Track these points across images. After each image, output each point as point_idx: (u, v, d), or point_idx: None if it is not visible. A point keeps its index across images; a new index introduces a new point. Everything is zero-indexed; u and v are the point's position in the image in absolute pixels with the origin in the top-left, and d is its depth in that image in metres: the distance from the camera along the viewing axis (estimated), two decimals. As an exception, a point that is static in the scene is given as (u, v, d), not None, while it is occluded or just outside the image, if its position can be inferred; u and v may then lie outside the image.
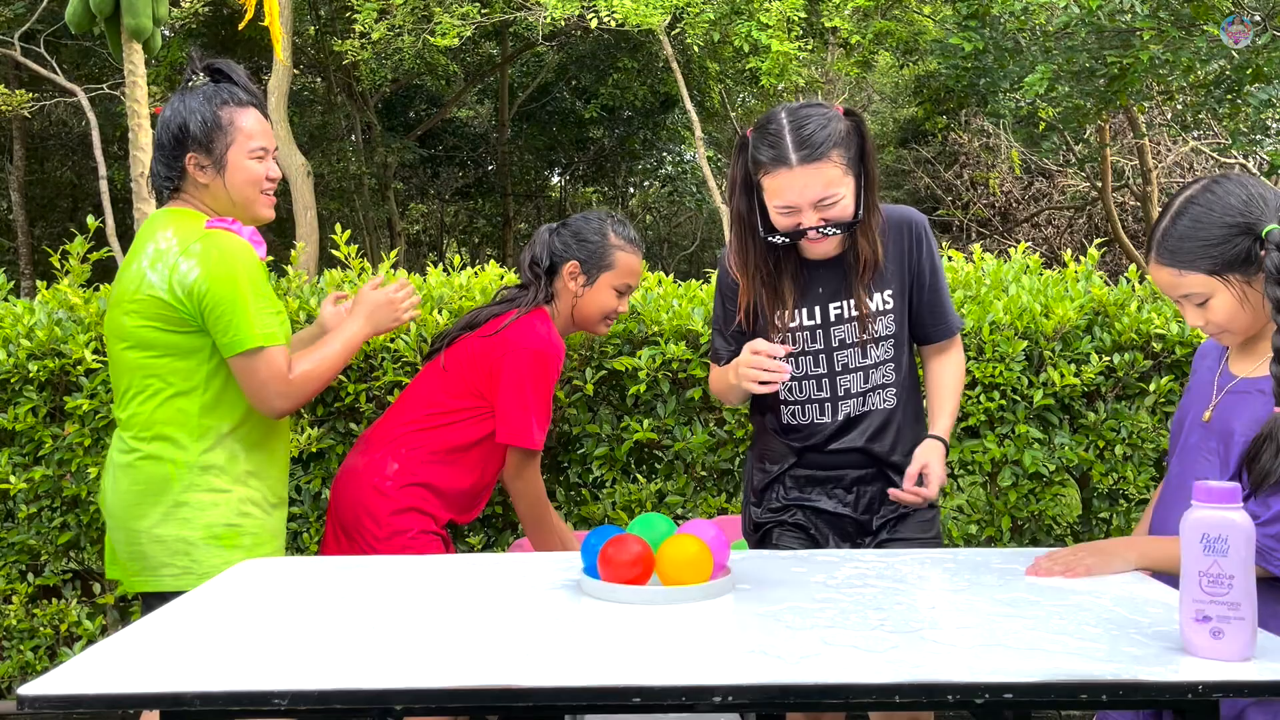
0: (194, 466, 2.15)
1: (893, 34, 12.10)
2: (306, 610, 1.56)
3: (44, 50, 12.29)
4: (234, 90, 2.23)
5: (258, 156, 2.22)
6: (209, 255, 2.10)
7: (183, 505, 2.14)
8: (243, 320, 2.10)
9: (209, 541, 2.15)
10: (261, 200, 2.25)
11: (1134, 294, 3.16)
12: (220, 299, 2.09)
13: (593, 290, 2.51)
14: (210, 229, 2.14)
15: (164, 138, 2.20)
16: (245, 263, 2.13)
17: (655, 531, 1.70)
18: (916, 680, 1.25)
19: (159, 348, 2.15)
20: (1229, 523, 1.32)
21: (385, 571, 1.81)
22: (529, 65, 17.06)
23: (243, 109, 2.22)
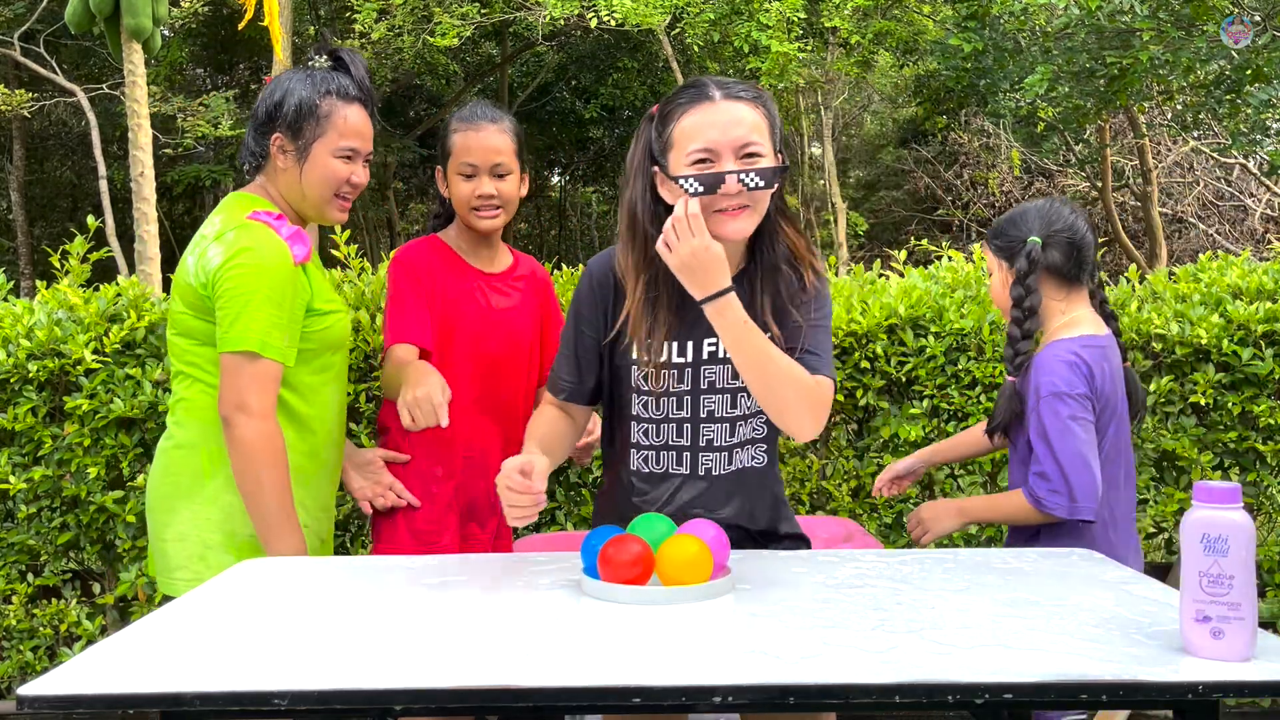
0: (226, 464, 2.03)
1: (892, 34, 12.11)
2: (306, 610, 1.56)
3: (44, 50, 12.29)
4: (345, 82, 2.10)
5: (345, 156, 2.10)
6: (237, 245, 1.99)
7: (209, 505, 2.05)
8: (245, 319, 1.97)
9: (229, 550, 2.04)
10: (335, 203, 2.13)
11: (1134, 294, 3.16)
12: (232, 290, 1.97)
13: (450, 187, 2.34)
14: (249, 220, 2.03)
15: (259, 110, 2.10)
16: (271, 264, 2.00)
17: (655, 532, 1.70)
18: (916, 680, 1.25)
19: (197, 335, 2.06)
20: (1229, 523, 1.32)
21: (385, 571, 1.81)
22: (529, 65, 17.07)
23: (347, 103, 2.09)
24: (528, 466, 1.70)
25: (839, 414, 3.14)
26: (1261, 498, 3.11)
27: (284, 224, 2.05)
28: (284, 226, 2.05)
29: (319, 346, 2.11)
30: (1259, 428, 3.04)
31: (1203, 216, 13.46)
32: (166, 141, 12.63)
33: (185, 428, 2.08)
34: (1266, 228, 12.97)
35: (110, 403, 2.99)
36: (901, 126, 18.11)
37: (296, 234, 2.06)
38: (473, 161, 2.28)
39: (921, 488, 3.15)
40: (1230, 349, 2.97)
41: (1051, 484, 2.08)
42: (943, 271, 3.23)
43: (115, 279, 3.22)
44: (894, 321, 3.03)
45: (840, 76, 13.62)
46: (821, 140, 14.39)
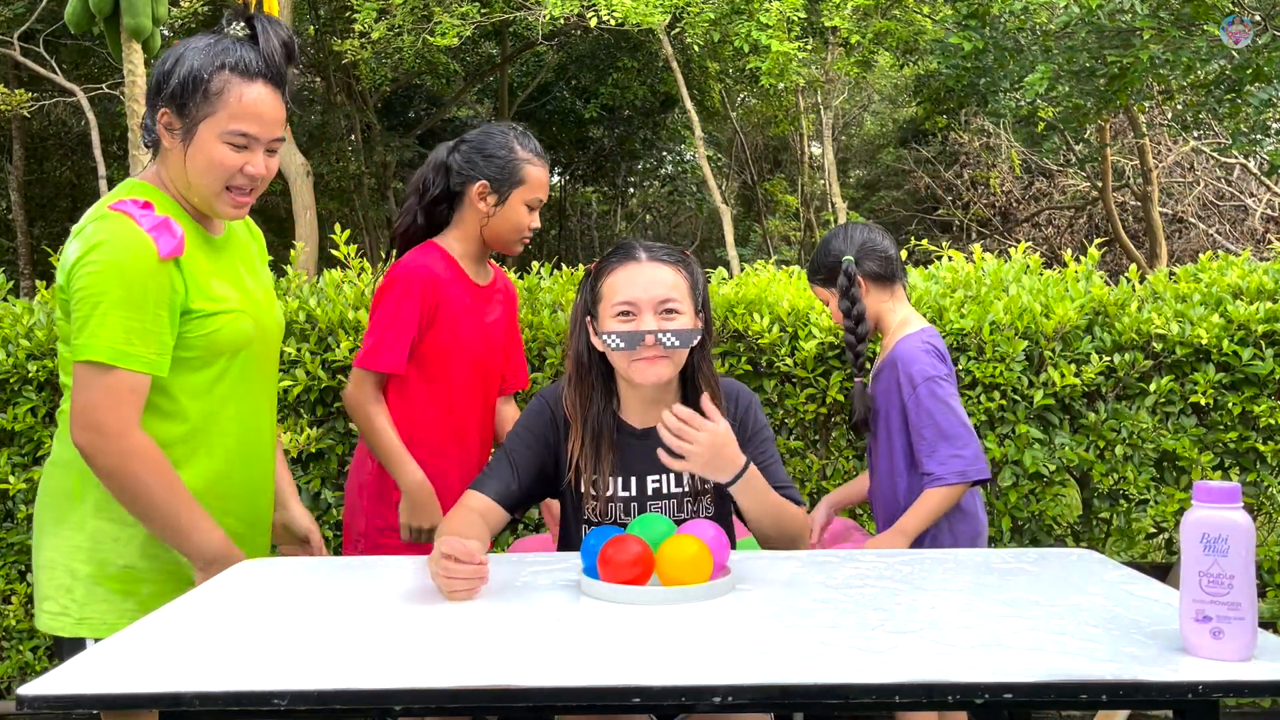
0: (100, 485, 1.77)
1: (892, 33, 12.10)
2: (306, 610, 1.56)
3: (43, 50, 12.29)
4: (249, 55, 1.79)
5: (236, 142, 1.78)
6: (90, 241, 1.72)
7: (78, 530, 1.81)
8: (93, 326, 1.70)
9: (97, 581, 1.80)
10: (226, 197, 1.82)
11: (1134, 294, 3.16)
12: (82, 292, 1.71)
13: (505, 209, 2.36)
14: (110, 211, 1.75)
15: (154, 78, 1.81)
16: (127, 260, 1.71)
17: (655, 532, 1.70)
18: (916, 680, 1.25)
19: (67, 340, 1.81)
20: (1229, 523, 1.32)
21: (385, 571, 1.81)
22: (529, 65, 17.06)
23: (246, 80, 1.78)
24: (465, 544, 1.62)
25: (839, 414, 3.14)
26: (1261, 498, 3.11)
27: (149, 213, 1.76)
28: (148, 216, 1.75)
29: (204, 353, 1.83)
30: (1259, 428, 3.04)
31: (1203, 216, 13.46)
32: (166, 141, 12.59)
33: (60, 442, 1.86)
34: (1267, 228, 12.97)
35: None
36: (901, 126, 18.10)
37: (163, 224, 1.76)
38: (542, 197, 2.42)
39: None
40: (1230, 349, 2.97)
41: (939, 458, 2.27)
42: (943, 271, 3.23)
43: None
44: (894, 321, 3.03)
45: (840, 76, 13.61)
46: (821, 140, 14.38)
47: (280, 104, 1.83)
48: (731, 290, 3.15)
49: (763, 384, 3.08)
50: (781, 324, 3.06)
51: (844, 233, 2.45)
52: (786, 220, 19.39)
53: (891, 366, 2.34)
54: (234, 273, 1.91)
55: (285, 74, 1.85)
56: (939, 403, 2.29)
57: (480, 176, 2.35)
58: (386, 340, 2.29)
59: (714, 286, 3.23)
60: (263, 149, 1.82)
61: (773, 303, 3.07)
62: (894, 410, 2.35)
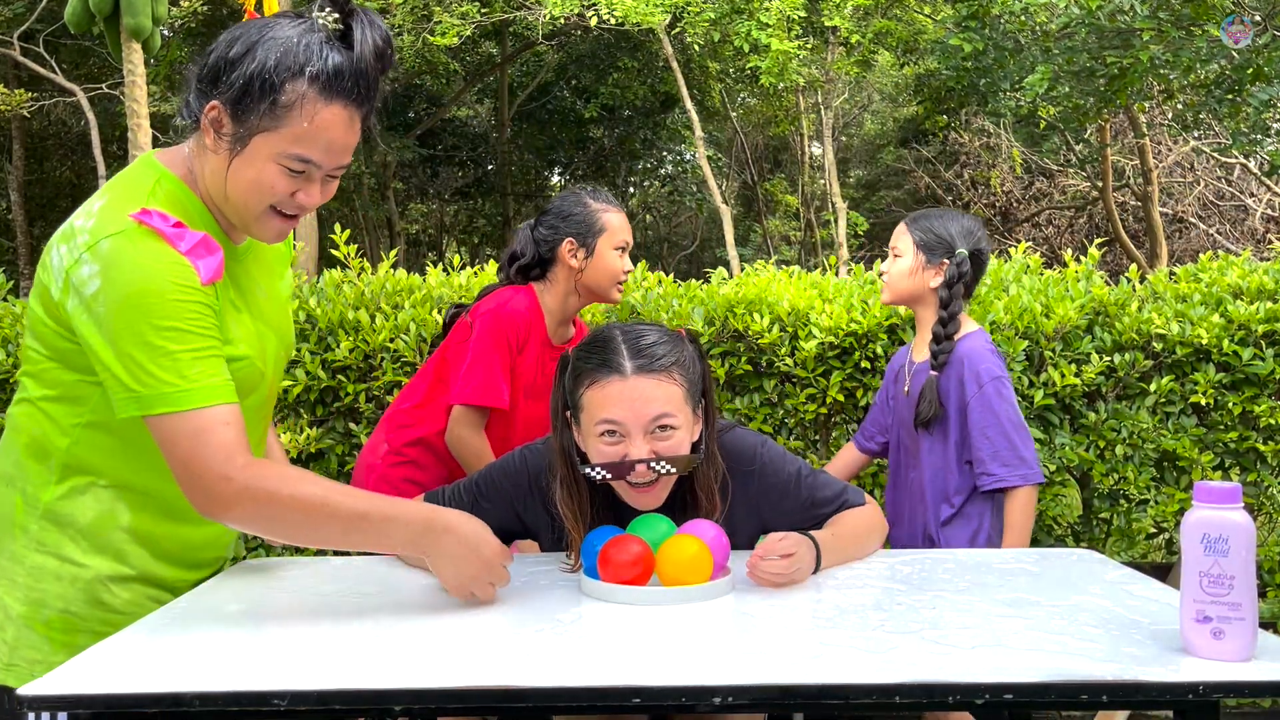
0: (44, 514, 1.54)
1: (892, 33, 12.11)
2: (306, 610, 1.56)
3: (43, 50, 12.29)
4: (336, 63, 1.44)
5: (294, 168, 1.46)
6: (115, 269, 1.42)
7: (17, 563, 1.55)
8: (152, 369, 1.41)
9: (33, 625, 1.54)
10: (269, 220, 1.51)
11: (1134, 294, 3.16)
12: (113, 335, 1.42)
13: (596, 259, 2.50)
14: (137, 224, 1.44)
15: (209, 57, 1.49)
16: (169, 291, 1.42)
17: (655, 532, 1.70)
18: (916, 680, 1.25)
19: (47, 346, 1.52)
20: (1229, 523, 1.32)
21: (385, 571, 1.81)
22: (529, 65, 17.07)
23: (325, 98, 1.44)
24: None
25: (839, 414, 3.14)
26: (1262, 498, 3.11)
27: (184, 233, 1.47)
28: (185, 235, 1.47)
29: None
30: (1259, 428, 3.04)
31: (1203, 216, 13.46)
32: (166, 141, 12.60)
33: (5, 453, 1.59)
34: (1267, 228, 12.97)
35: (110, 402, 2.99)
36: (901, 126, 18.10)
37: (201, 244, 1.48)
38: (628, 239, 2.54)
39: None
40: (1231, 349, 2.97)
41: (1004, 459, 2.31)
42: (943, 271, 3.24)
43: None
44: (894, 321, 3.03)
45: (840, 76, 13.62)
46: (821, 140, 14.39)
47: (357, 128, 1.50)
48: (731, 290, 3.15)
49: (763, 384, 3.08)
50: (781, 324, 3.06)
51: (964, 223, 2.45)
52: (786, 220, 19.39)
53: (957, 364, 2.36)
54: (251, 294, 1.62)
55: (374, 90, 1.50)
56: (1005, 403, 2.33)
57: (566, 235, 2.50)
58: (489, 377, 2.41)
59: (714, 287, 3.23)
60: (322, 176, 1.51)
61: (773, 303, 3.07)
62: (954, 407, 2.36)
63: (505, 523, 1.87)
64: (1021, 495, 2.32)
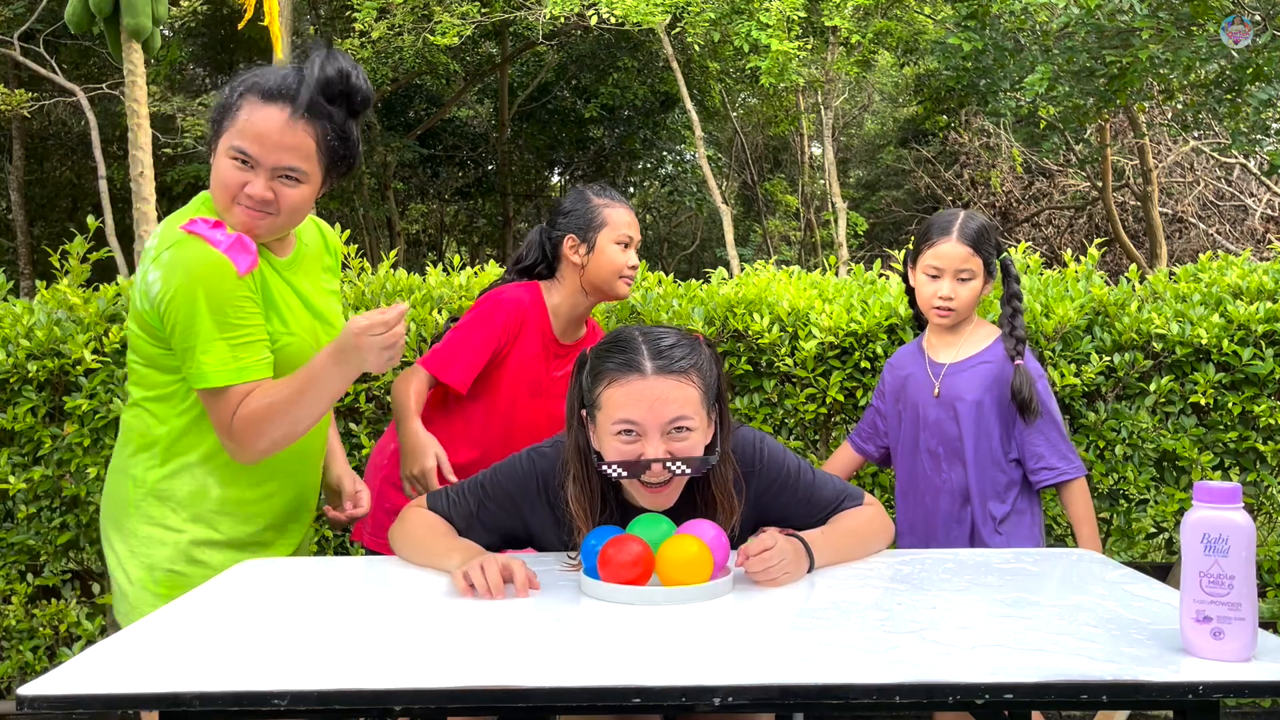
0: (150, 493, 1.90)
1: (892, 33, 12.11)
2: (306, 610, 1.56)
3: (44, 50, 12.29)
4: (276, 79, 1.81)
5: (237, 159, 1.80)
6: (172, 270, 1.79)
7: (131, 536, 1.92)
8: (197, 354, 1.79)
9: (146, 585, 1.90)
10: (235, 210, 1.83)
11: (1134, 294, 3.16)
12: (176, 325, 1.80)
13: (597, 254, 2.48)
14: (183, 233, 1.81)
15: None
16: (209, 284, 1.78)
17: (655, 532, 1.70)
18: (916, 680, 1.25)
19: (142, 355, 1.90)
20: (1229, 523, 1.32)
21: (385, 571, 1.81)
22: (529, 65, 17.07)
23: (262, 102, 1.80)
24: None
25: (839, 414, 3.14)
26: (1261, 498, 3.11)
27: (220, 233, 1.81)
28: (221, 237, 1.81)
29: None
30: (1259, 428, 3.04)
31: (1203, 216, 13.46)
32: (166, 141, 12.63)
33: (118, 448, 1.97)
34: (1267, 228, 12.96)
35: (110, 403, 2.99)
36: (901, 126, 18.10)
37: (236, 242, 1.81)
38: (630, 233, 2.50)
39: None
40: (1230, 349, 2.97)
41: (1062, 452, 2.39)
42: (943, 271, 3.23)
43: (115, 279, 3.22)
44: (894, 321, 3.03)
45: (840, 76, 13.61)
46: (821, 140, 14.38)
47: (295, 133, 1.79)
48: (731, 290, 3.15)
49: (763, 384, 3.08)
50: (781, 324, 3.06)
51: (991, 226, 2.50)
52: (786, 220, 19.39)
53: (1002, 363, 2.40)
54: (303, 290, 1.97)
55: (317, 105, 1.80)
56: (1053, 400, 2.41)
57: (568, 232, 2.50)
58: (460, 356, 2.39)
59: (714, 287, 3.23)
60: (266, 173, 1.80)
61: (773, 303, 3.07)
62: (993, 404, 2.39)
63: (510, 526, 1.88)
64: (1079, 487, 2.39)
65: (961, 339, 2.46)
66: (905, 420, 2.51)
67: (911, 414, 2.49)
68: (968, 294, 2.41)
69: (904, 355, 2.59)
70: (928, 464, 2.46)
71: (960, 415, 2.40)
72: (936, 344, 2.50)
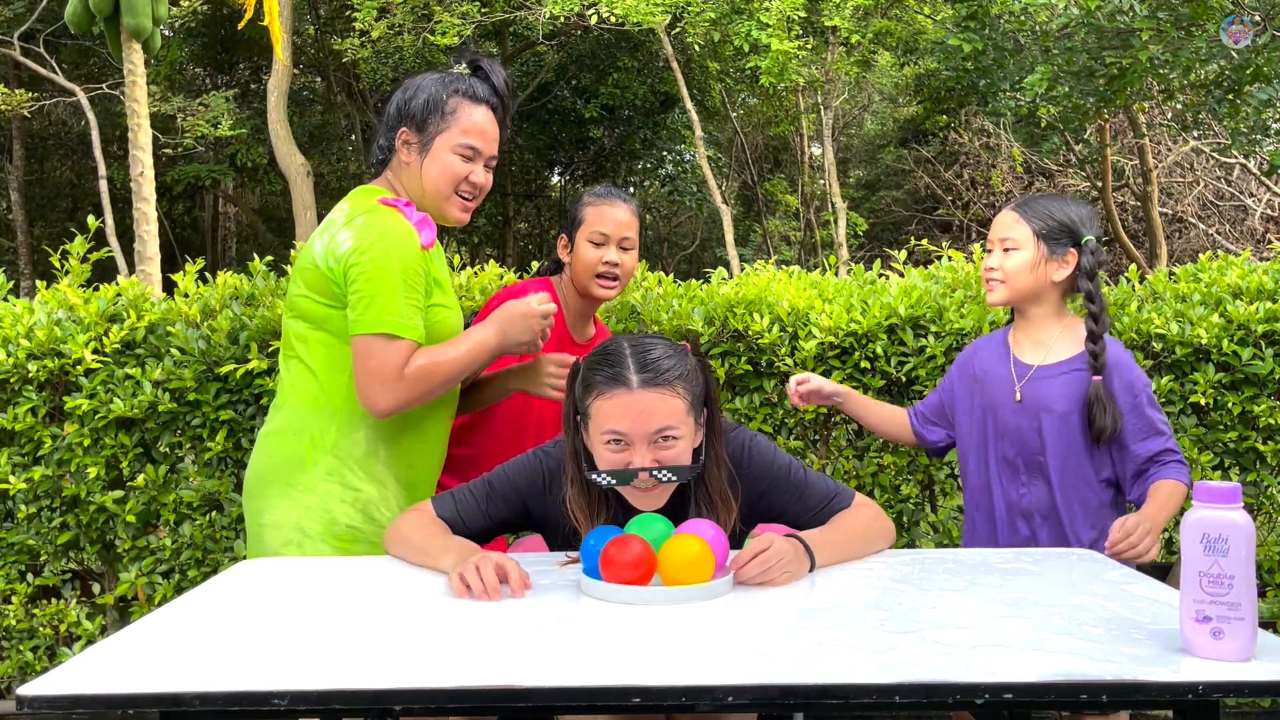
0: (330, 452, 2.04)
1: (892, 33, 12.11)
2: (306, 610, 1.56)
3: (44, 50, 12.29)
4: (477, 85, 2.13)
5: (465, 155, 2.10)
6: (368, 229, 1.99)
7: (309, 492, 2.03)
8: (381, 302, 1.96)
9: (326, 539, 2.02)
10: (455, 201, 2.12)
11: (1134, 294, 3.16)
12: (364, 274, 1.97)
13: (576, 252, 2.51)
14: (380, 204, 2.04)
15: (391, 109, 2.14)
16: (403, 246, 1.99)
17: (653, 532, 1.70)
18: (916, 680, 1.25)
19: (313, 320, 2.05)
20: (1229, 523, 1.32)
21: (385, 571, 1.81)
22: (529, 65, 17.07)
23: (474, 103, 2.11)
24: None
25: (839, 414, 3.14)
26: (1261, 498, 3.11)
27: (411, 209, 2.06)
28: (412, 212, 2.06)
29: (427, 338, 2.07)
30: (1259, 428, 3.04)
31: (1203, 216, 13.46)
32: (166, 141, 12.63)
33: (287, 412, 2.08)
34: (1266, 228, 12.97)
35: (110, 403, 2.99)
36: (901, 126, 18.11)
37: (424, 220, 2.07)
38: (604, 230, 2.49)
39: (921, 487, 3.15)
40: (1230, 349, 2.97)
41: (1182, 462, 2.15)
42: (943, 271, 3.23)
43: (115, 279, 3.22)
44: (894, 321, 3.03)
45: (840, 76, 13.62)
46: (821, 140, 14.39)
47: (497, 128, 2.16)
48: (731, 290, 3.15)
49: (763, 384, 3.08)
50: (781, 324, 3.06)
51: (1083, 208, 2.23)
52: (786, 220, 19.40)
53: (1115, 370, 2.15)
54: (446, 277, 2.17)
55: (507, 104, 2.18)
56: (1162, 415, 2.17)
57: (561, 231, 2.57)
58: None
59: (713, 287, 3.23)
60: (483, 162, 2.14)
61: (773, 303, 3.07)
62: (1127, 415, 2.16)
63: (513, 514, 1.95)
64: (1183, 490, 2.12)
65: (1053, 338, 2.21)
66: (976, 421, 2.29)
67: (987, 416, 2.26)
68: (1013, 266, 2.19)
69: (984, 349, 2.34)
70: (1005, 475, 2.24)
71: (1045, 428, 2.17)
72: (1023, 340, 2.26)
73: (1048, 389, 2.18)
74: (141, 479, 3.01)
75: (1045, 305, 2.22)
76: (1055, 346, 2.21)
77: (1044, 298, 2.22)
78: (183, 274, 3.16)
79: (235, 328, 3.02)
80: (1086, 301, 2.17)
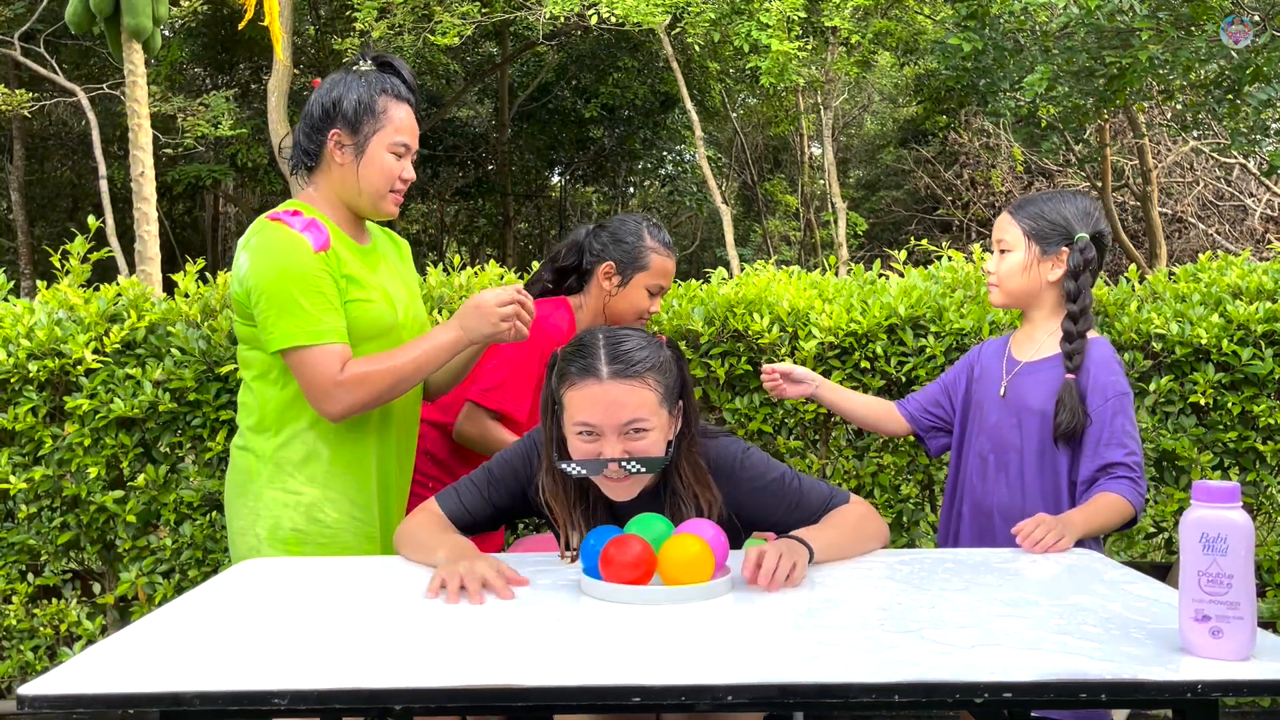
0: (270, 461, 2.11)
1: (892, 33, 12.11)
2: (306, 610, 1.56)
3: (44, 50, 12.29)
4: (396, 82, 2.17)
5: (398, 152, 2.15)
6: (260, 250, 2.05)
7: (257, 500, 2.12)
8: (287, 316, 2.01)
9: (273, 544, 2.10)
10: (390, 197, 2.17)
11: (1134, 294, 3.16)
12: (263, 294, 2.03)
13: (626, 290, 2.52)
14: (267, 221, 2.09)
15: (314, 110, 2.15)
16: (292, 258, 2.03)
17: (653, 532, 1.70)
18: (916, 679, 1.25)
19: (244, 339, 2.14)
20: (1228, 522, 1.32)
21: (385, 571, 1.81)
22: (529, 65, 17.08)
23: (399, 102, 2.16)
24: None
25: (837, 414, 3.14)
26: (1261, 498, 3.11)
27: (298, 218, 2.08)
28: (297, 220, 2.08)
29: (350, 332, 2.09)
30: (1259, 428, 3.04)
31: (1203, 216, 13.46)
32: (167, 141, 12.63)
33: (240, 427, 2.18)
34: (1266, 228, 12.96)
35: (110, 403, 2.99)
36: (901, 126, 18.11)
37: (311, 224, 2.09)
38: (664, 285, 2.56)
39: (921, 487, 3.15)
40: (1230, 349, 2.97)
41: (1135, 480, 2.06)
42: (943, 271, 3.24)
43: (115, 279, 3.22)
44: (894, 321, 3.03)
45: (840, 76, 13.62)
46: (821, 140, 14.39)
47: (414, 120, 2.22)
48: (731, 290, 3.15)
49: (763, 384, 3.08)
50: (781, 324, 3.06)
51: (1079, 204, 2.18)
52: (786, 220, 19.40)
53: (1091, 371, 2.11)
54: (376, 272, 2.19)
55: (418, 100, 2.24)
56: (1131, 423, 2.10)
57: (608, 258, 2.53)
58: (511, 384, 2.43)
59: (713, 287, 3.23)
60: (410, 157, 2.19)
61: (773, 303, 3.07)
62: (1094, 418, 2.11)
63: (512, 500, 1.97)
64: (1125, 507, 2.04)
65: (1043, 334, 2.19)
66: (961, 417, 2.30)
67: (974, 411, 2.27)
68: (1006, 268, 2.18)
69: (989, 346, 2.34)
70: (975, 472, 2.23)
71: (1023, 425, 2.15)
72: (1022, 339, 2.25)
73: (1028, 385, 2.17)
74: (142, 479, 3.01)
75: (1044, 305, 2.20)
76: (1046, 344, 2.19)
77: (1042, 298, 2.19)
78: (183, 274, 3.16)
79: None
80: (1067, 301, 2.13)
